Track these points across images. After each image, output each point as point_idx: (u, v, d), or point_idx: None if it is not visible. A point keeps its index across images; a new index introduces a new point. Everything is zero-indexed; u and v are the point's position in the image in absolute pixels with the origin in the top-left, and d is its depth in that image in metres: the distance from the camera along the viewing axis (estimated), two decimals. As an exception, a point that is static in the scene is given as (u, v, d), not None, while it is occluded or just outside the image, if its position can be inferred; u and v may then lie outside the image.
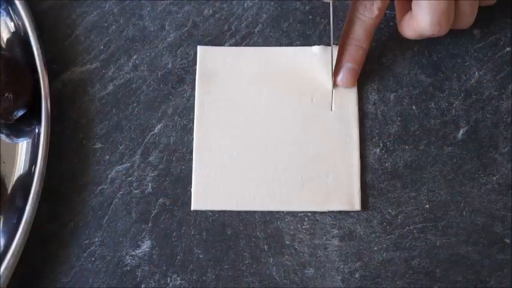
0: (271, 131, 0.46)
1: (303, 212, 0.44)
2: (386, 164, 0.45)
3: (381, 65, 0.47)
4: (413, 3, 0.43)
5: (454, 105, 0.47)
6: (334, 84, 0.46)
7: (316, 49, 0.47)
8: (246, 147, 0.45)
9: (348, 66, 0.46)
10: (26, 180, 0.44)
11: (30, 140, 0.45)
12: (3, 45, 0.47)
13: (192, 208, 0.44)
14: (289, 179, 0.45)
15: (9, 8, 0.47)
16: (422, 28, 0.43)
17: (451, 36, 0.48)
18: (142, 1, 0.49)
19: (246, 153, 0.45)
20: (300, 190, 0.44)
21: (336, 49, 0.47)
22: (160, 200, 0.45)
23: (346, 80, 0.46)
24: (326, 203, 0.44)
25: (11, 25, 0.47)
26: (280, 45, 0.48)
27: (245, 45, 0.48)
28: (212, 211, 0.44)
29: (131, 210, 0.45)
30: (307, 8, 0.49)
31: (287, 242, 0.44)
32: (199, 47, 0.48)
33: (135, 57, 0.48)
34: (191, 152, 0.46)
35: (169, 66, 0.48)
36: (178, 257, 0.44)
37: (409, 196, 0.45)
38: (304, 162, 0.45)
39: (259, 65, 0.47)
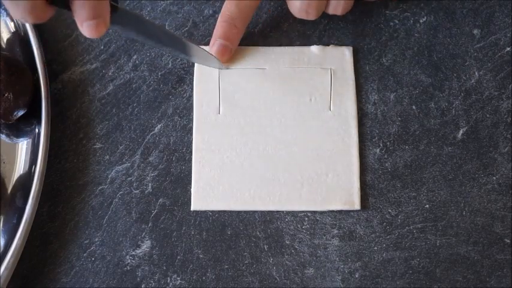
0: (271, 131, 0.46)
1: (303, 212, 0.44)
2: (386, 164, 0.45)
3: (381, 65, 0.47)
4: None
5: (454, 105, 0.47)
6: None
7: (315, 49, 0.47)
8: (245, 147, 0.45)
9: (221, 42, 0.46)
10: (26, 180, 0.44)
11: (30, 140, 0.45)
12: (3, 45, 0.47)
13: (192, 208, 0.44)
14: (288, 178, 0.45)
15: (9, 8, 0.47)
16: (293, 11, 0.45)
17: (451, 36, 0.48)
18: (142, 1, 0.49)
19: (245, 153, 0.45)
20: (299, 190, 0.44)
21: (333, 49, 0.47)
22: (160, 200, 0.45)
23: (219, 54, 0.46)
24: (326, 203, 0.44)
25: (11, 25, 0.47)
26: (280, 45, 0.48)
27: (245, 45, 0.48)
28: (212, 211, 0.44)
29: (131, 210, 0.45)
30: (307, 8, 0.49)
31: (287, 242, 0.44)
32: (199, 47, 0.48)
33: (135, 57, 0.48)
34: (191, 152, 0.46)
35: (169, 66, 0.48)
36: (178, 257, 0.44)
37: (409, 196, 0.45)
38: (304, 161, 0.45)
39: (258, 65, 0.47)
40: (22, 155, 0.45)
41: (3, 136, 0.46)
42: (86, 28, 0.37)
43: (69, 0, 0.37)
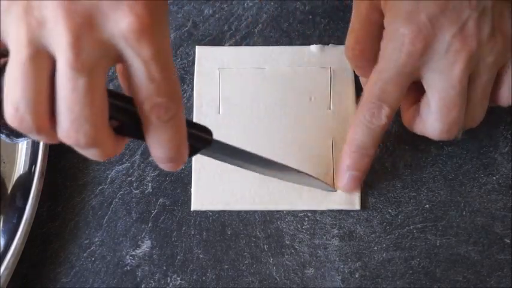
0: (270, 130, 0.46)
1: (303, 212, 0.44)
2: (387, 164, 0.45)
3: (381, 65, 0.47)
4: (422, 103, 0.40)
5: (454, 105, 0.46)
6: (335, 187, 0.44)
7: (314, 48, 0.47)
8: (245, 146, 0.45)
9: (351, 174, 0.43)
10: (26, 180, 0.44)
11: (30, 140, 0.45)
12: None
13: (192, 208, 0.44)
14: (289, 178, 0.45)
15: (9, 8, 0.47)
16: (430, 134, 0.41)
17: None
18: (142, 1, 0.49)
19: (245, 153, 0.45)
20: (299, 189, 0.44)
21: (332, 49, 0.47)
22: (160, 200, 0.45)
23: (349, 188, 0.43)
24: (325, 202, 0.44)
25: (11, 25, 0.47)
26: (280, 45, 0.48)
27: (245, 45, 0.48)
28: (212, 211, 0.44)
29: (131, 210, 0.45)
30: (307, 8, 0.49)
31: (287, 242, 0.44)
32: (197, 47, 0.48)
33: (135, 57, 0.48)
34: (191, 152, 0.45)
35: (169, 66, 0.48)
36: (178, 257, 0.44)
37: (409, 196, 0.45)
38: (304, 161, 0.45)
39: (257, 65, 0.47)
40: (22, 155, 0.45)
41: (3, 136, 0.45)
42: (161, 166, 0.34)
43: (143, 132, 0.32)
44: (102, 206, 0.45)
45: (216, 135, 0.45)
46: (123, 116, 0.31)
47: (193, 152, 0.35)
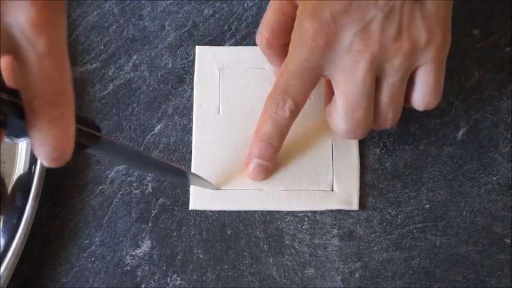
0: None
1: (303, 212, 0.44)
2: (386, 164, 0.45)
3: (381, 65, 0.47)
4: (332, 101, 0.40)
5: (454, 105, 0.47)
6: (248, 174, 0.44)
7: None
8: (245, 146, 0.45)
9: (257, 162, 0.43)
10: (26, 180, 0.44)
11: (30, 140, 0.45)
12: (3, 45, 0.47)
13: (190, 208, 0.44)
14: (288, 178, 0.45)
15: (9, 8, 0.47)
16: (337, 132, 0.41)
17: (451, 36, 0.48)
18: (142, 1, 0.49)
19: (245, 152, 0.45)
20: (298, 189, 0.44)
21: None
22: (160, 200, 0.45)
23: (254, 175, 0.44)
24: (324, 202, 0.44)
25: (11, 25, 0.47)
26: (280, 45, 0.48)
27: (245, 45, 0.48)
28: (212, 211, 0.44)
29: (131, 210, 0.45)
30: (307, 8, 0.49)
31: (287, 242, 0.44)
32: (197, 47, 0.48)
33: (135, 57, 0.48)
34: (191, 152, 0.45)
35: (169, 66, 0.48)
36: (178, 257, 0.44)
37: (409, 196, 0.45)
38: (304, 161, 0.45)
39: (257, 65, 0.47)
40: (22, 155, 0.45)
41: (3, 136, 0.46)
42: (43, 162, 0.31)
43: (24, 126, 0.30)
44: (102, 206, 0.45)
45: (216, 135, 0.45)
46: (6, 109, 0.29)
47: (78, 148, 0.32)
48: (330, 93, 0.41)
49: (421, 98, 0.40)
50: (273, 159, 0.43)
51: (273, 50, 0.42)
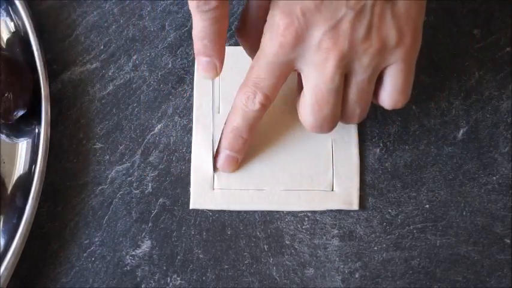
0: (270, 130, 0.46)
1: (303, 212, 0.44)
2: (386, 164, 0.45)
3: (381, 65, 0.47)
4: (301, 95, 0.41)
5: (454, 105, 0.47)
6: (215, 167, 0.45)
7: None
8: (246, 147, 0.45)
9: (227, 153, 0.44)
10: (26, 180, 0.44)
11: (30, 140, 0.45)
12: (3, 45, 0.47)
13: (191, 207, 0.44)
14: (288, 178, 0.45)
15: (9, 8, 0.47)
16: (305, 126, 0.41)
17: (451, 36, 0.48)
18: (142, 1, 0.49)
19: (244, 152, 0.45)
20: (298, 189, 0.44)
21: None
22: (160, 200, 0.45)
23: (223, 167, 0.44)
24: (324, 202, 0.44)
25: (11, 25, 0.47)
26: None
27: (245, 45, 0.48)
28: (212, 211, 0.44)
29: (131, 210, 0.45)
30: (307, 8, 0.49)
31: (287, 242, 0.44)
32: (198, 47, 0.48)
33: (135, 57, 0.48)
34: (191, 152, 0.46)
35: (170, 66, 0.48)
36: (178, 257, 0.44)
37: (409, 196, 0.45)
38: (304, 161, 0.45)
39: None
40: (22, 155, 0.45)
41: (3, 136, 0.46)
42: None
43: None
44: (102, 206, 0.45)
45: (216, 135, 0.45)
46: None
47: None
48: (301, 86, 0.41)
49: (389, 96, 0.40)
50: (243, 151, 0.44)
51: (247, 42, 0.43)
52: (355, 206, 0.44)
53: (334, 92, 0.39)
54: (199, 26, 0.39)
